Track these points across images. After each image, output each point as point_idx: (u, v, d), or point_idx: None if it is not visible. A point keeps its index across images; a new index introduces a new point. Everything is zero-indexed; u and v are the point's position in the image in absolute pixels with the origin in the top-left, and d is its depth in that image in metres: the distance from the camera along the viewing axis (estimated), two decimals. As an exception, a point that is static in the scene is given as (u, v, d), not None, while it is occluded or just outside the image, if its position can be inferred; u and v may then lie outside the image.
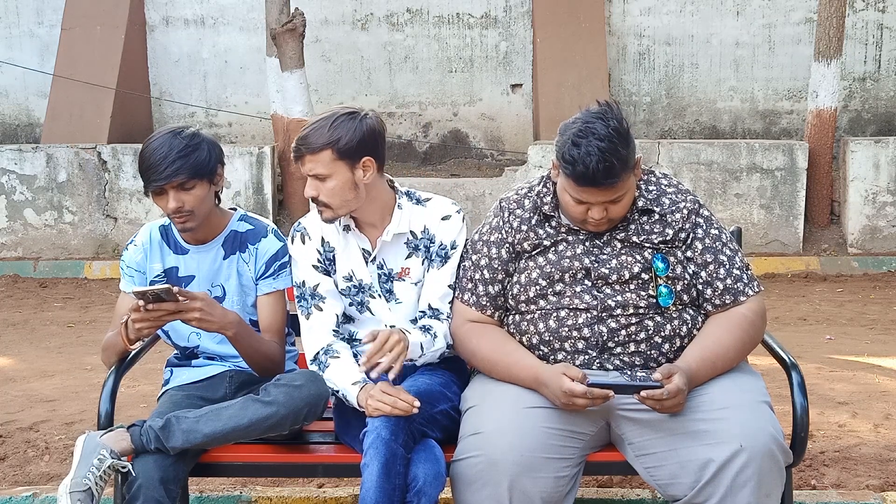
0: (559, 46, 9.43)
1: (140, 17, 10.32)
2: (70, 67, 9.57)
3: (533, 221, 2.69)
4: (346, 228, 2.80)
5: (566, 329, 2.59)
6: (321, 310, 2.78)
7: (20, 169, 8.84)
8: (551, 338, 2.61)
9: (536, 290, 2.64)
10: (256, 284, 2.87)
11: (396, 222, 2.77)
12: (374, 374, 2.49)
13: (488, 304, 2.72)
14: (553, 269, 2.63)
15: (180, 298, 2.57)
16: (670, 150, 8.47)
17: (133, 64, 10.09)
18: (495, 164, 10.20)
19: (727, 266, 2.63)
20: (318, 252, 2.80)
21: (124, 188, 8.79)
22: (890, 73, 10.05)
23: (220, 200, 2.89)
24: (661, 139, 9.47)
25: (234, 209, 2.96)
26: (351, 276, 2.81)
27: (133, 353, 2.78)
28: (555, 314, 2.61)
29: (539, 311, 2.63)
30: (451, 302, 2.78)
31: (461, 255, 2.80)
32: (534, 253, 2.67)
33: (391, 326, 2.76)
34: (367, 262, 2.80)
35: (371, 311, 2.82)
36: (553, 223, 2.68)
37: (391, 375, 2.49)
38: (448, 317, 2.77)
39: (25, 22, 10.63)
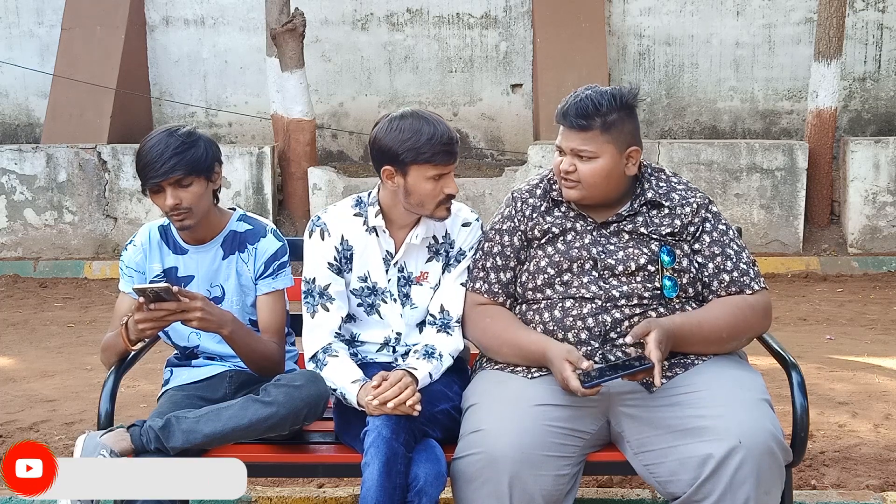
0: (559, 46, 9.43)
1: (140, 17, 10.32)
2: (70, 67, 9.57)
3: (542, 208, 2.75)
4: (373, 230, 2.79)
5: (570, 319, 2.61)
6: (327, 310, 2.78)
7: (20, 169, 8.84)
8: (556, 327, 2.62)
9: (544, 278, 2.66)
10: (256, 284, 2.87)
11: (424, 226, 2.78)
12: (376, 412, 2.47)
13: (500, 291, 2.74)
14: (562, 259, 2.66)
15: (180, 298, 2.58)
16: (670, 150, 8.47)
17: (133, 64, 10.09)
18: (495, 164, 10.20)
19: (734, 259, 2.66)
20: (336, 250, 2.79)
21: (124, 188, 8.79)
22: (890, 73, 10.04)
23: (218, 200, 2.89)
24: (661, 139, 9.47)
25: (234, 209, 2.97)
26: (366, 278, 2.80)
27: (133, 353, 2.78)
28: (560, 304, 2.63)
29: (546, 301, 2.66)
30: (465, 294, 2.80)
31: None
32: (543, 241, 2.71)
33: (394, 362, 2.78)
34: (387, 266, 2.80)
35: (380, 315, 2.82)
36: (562, 209, 2.72)
37: (414, 413, 2.47)
38: (458, 321, 2.78)
39: (25, 22, 10.62)
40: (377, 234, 2.80)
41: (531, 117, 10.15)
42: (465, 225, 2.84)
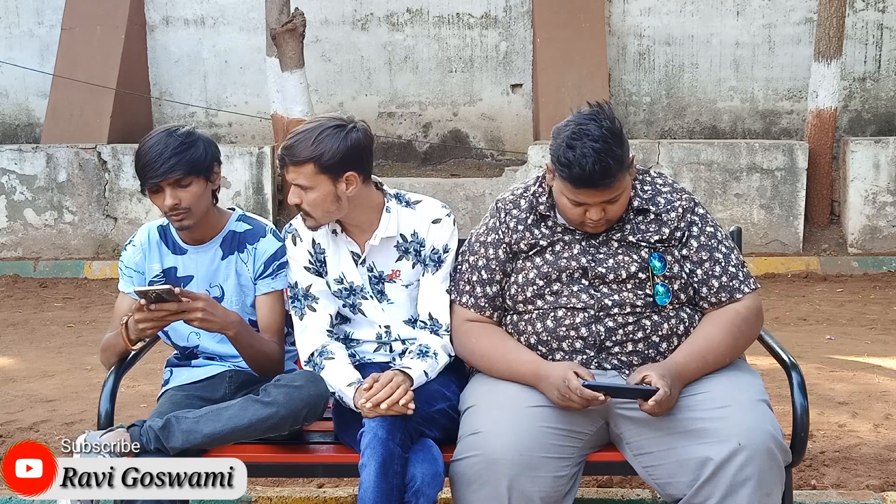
0: (559, 46, 9.43)
1: (140, 17, 10.32)
2: (70, 67, 9.57)
3: (529, 221, 2.69)
4: (334, 232, 2.80)
5: (564, 329, 2.59)
6: (314, 310, 2.78)
7: (20, 169, 8.84)
8: (549, 338, 2.61)
9: (534, 290, 2.64)
10: (255, 284, 2.87)
11: (384, 226, 2.76)
12: (371, 414, 2.47)
13: (486, 305, 2.72)
14: (550, 269, 2.63)
15: (182, 298, 2.58)
16: (670, 150, 8.47)
17: (133, 64, 10.09)
18: (495, 164, 10.20)
19: (723, 264, 2.63)
20: (310, 253, 2.80)
21: (124, 188, 8.79)
22: (890, 73, 10.04)
23: (217, 200, 2.89)
24: (661, 139, 9.47)
25: (233, 209, 2.97)
26: (342, 279, 2.80)
27: (133, 353, 2.78)
28: (552, 314, 2.61)
29: (537, 311, 2.63)
30: (450, 307, 2.78)
31: (458, 257, 2.80)
32: (531, 253, 2.68)
33: (391, 362, 2.77)
34: (357, 265, 2.80)
35: (364, 313, 2.82)
36: (549, 223, 2.68)
37: (408, 412, 2.46)
38: (447, 329, 2.76)
39: (25, 22, 10.62)
40: (339, 236, 2.80)
41: (531, 117, 10.15)
42: (434, 222, 2.79)
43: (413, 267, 2.80)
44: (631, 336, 2.58)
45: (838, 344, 5.79)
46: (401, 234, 2.79)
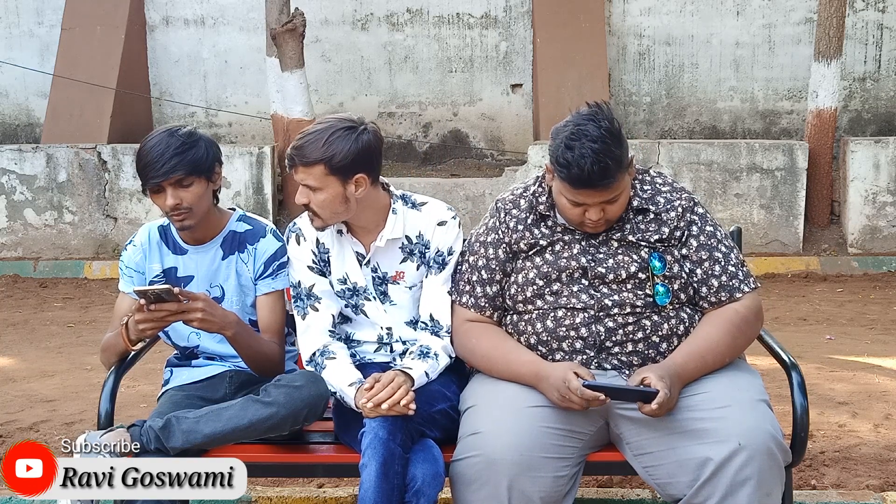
0: (559, 46, 9.43)
1: (140, 17, 10.32)
2: (70, 67, 9.57)
3: (529, 221, 2.70)
4: (340, 232, 2.80)
5: (563, 329, 2.59)
6: (317, 310, 2.78)
7: (20, 169, 8.84)
8: (549, 338, 2.61)
9: (534, 290, 2.64)
10: (255, 285, 2.87)
11: (390, 227, 2.76)
12: (372, 414, 2.47)
13: (486, 305, 2.72)
14: (550, 269, 2.63)
15: (181, 299, 2.58)
16: (670, 150, 8.47)
17: (133, 64, 10.09)
18: (495, 164, 10.20)
19: (722, 263, 2.63)
20: (313, 253, 2.80)
21: (124, 188, 8.79)
22: (890, 73, 10.04)
23: (218, 200, 2.89)
24: (661, 139, 9.47)
25: (233, 209, 2.97)
26: (345, 279, 2.80)
27: (133, 353, 2.78)
28: (552, 314, 2.61)
29: (536, 311, 2.63)
30: (451, 308, 2.78)
31: (458, 257, 2.81)
32: (530, 253, 2.68)
33: (392, 362, 2.77)
34: (361, 265, 2.80)
35: (366, 314, 2.82)
36: (549, 223, 2.68)
37: (409, 412, 2.46)
38: (448, 330, 2.76)
39: (25, 22, 10.63)
40: (344, 237, 2.80)
41: (531, 117, 10.15)
42: (440, 224, 2.80)
43: (417, 269, 2.80)
44: (631, 336, 2.58)
45: (838, 344, 5.79)
46: (406, 236, 2.79)
